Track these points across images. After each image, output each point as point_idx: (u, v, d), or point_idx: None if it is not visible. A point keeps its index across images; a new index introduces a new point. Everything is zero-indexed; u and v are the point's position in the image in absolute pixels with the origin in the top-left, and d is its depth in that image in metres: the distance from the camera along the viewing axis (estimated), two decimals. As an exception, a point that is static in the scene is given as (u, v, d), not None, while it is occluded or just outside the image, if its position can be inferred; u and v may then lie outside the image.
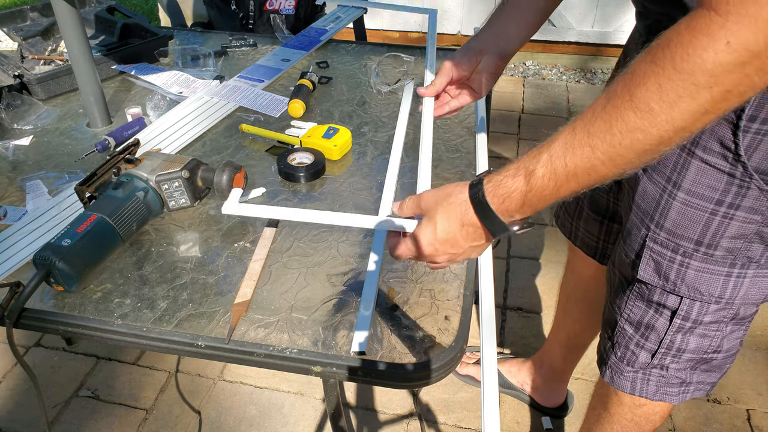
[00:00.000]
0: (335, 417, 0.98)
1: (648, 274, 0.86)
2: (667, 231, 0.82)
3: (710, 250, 0.80)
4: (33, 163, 1.05)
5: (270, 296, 0.77)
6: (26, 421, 1.58)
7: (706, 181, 0.76)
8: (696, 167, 0.76)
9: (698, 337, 0.88)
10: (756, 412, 1.59)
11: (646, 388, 0.96)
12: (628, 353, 0.95)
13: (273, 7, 2.19)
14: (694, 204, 0.78)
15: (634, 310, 0.91)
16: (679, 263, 0.82)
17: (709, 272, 0.81)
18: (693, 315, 0.85)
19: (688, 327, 0.87)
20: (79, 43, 1.08)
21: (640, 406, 1.02)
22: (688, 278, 0.82)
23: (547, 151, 0.57)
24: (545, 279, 2.02)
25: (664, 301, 0.86)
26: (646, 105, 0.51)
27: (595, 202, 1.10)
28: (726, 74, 0.48)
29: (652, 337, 0.91)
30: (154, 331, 0.72)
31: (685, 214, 0.79)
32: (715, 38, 0.47)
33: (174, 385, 1.67)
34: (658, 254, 0.84)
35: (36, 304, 0.76)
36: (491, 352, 0.65)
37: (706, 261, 0.80)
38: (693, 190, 0.78)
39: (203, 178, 0.90)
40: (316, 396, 1.64)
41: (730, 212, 0.76)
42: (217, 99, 1.23)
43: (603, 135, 0.54)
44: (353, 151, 1.07)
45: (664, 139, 0.52)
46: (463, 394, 1.64)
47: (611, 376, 0.99)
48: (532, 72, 3.44)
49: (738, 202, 0.75)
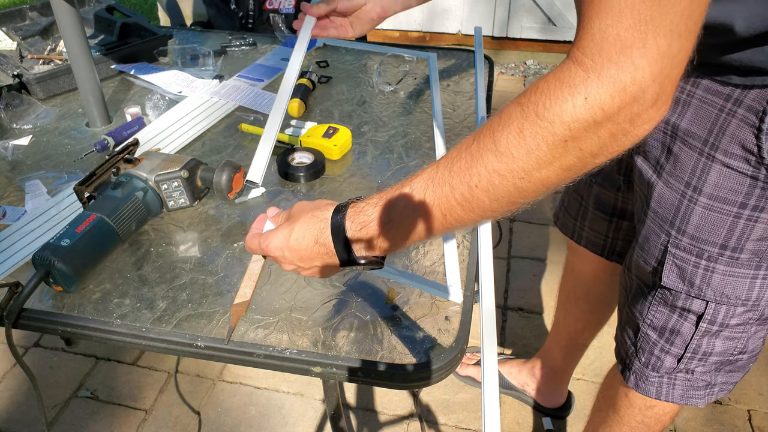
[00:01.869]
0: (335, 418, 0.98)
1: (672, 280, 0.85)
2: (690, 236, 0.82)
3: (735, 253, 0.79)
4: (32, 163, 1.05)
5: (270, 297, 0.77)
6: (26, 422, 1.58)
7: (729, 184, 0.76)
8: (718, 171, 0.76)
9: (724, 339, 0.88)
10: (757, 413, 1.59)
11: (672, 392, 0.96)
12: (653, 359, 0.94)
13: (273, 6, 2.18)
14: (717, 208, 0.78)
15: (657, 315, 0.91)
16: (705, 268, 0.82)
17: (735, 276, 0.81)
18: (720, 318, 0.85)
19: (714, 330, 0.87)
20: (79, 42, 1.07)
21: (650, 408, 1.02)
22: (714, 282, 0.82)
23: (409, 185, 0.56)
24: (546, 279, 2.02)
25: (689, 306, 0.86)
26: (507, 149, 0.49)
27: (601, 201, 1.09)
28: (582, 130, 0.47)
29: (678, 342, 0.90)
30: (153, 332, 0.72)
31: (708, 219, 0.79)
32: (576, 91, 0.46)
33: (173, 386, 1.67)
34: (682, 260, 0.83)
35: (35, 305, 0.76)
36: (492, 353, 0.65)
37: (731, 265, 0.80)
38: (715, 194, 0.77)
39: (202, 178, 0.90)
40: (316, 396, 1.64)
41: (754, 215, 0.76)
42: (216, 98, 1.23)
43: (462, 175, 0.52)
44: (353, 151, 1.07)
45: (521, 189, 0.50)
46: (464, 395, 1.64)
47: (636, 381, 0.98)
48: (533, 71, 3.44)
49: (762, 204, 0.75)
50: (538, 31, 3.37)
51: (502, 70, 3.46)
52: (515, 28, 3.39)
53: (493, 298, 0.73)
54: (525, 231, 2.24)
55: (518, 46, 3.49)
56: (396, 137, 1.10)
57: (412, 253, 0.83)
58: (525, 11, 3.32)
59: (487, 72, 1.34)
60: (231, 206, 0.93)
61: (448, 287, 0.77)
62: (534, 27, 3.36)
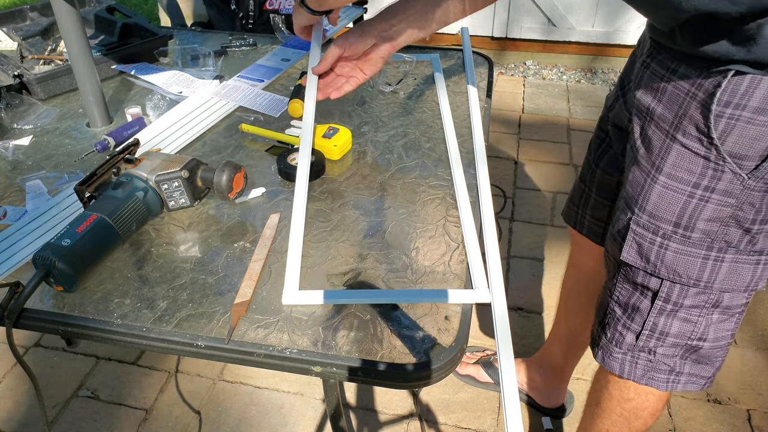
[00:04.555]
0: (335, 417, 0.98)
1: (631, 256, 0.89)
2: (649, 213, 0.85)
3: (687, 232, 0.82)
4: (33, 163, 1.05)
5: (270, 296, 0.77)
6: (26, 422, 1.58)
7: (685, 164, 0.79)
8: (677, 151, 0.79)
9: (681, 321, 0.90)
10: (756, 412, 1.59)
11: (634, 371, 0.99)
12: (617, 334, 0.98)
13: (273, 6, 2.18)
14: (673, 187, 0.81)
15: (622, 292, 0.94)
16: (659, 245, 0.85)
17: (686, 254, 0.84)
18: (673, 297, 0.88)
19: (669, 309, 0.89)
20: (79, 42, 1.08)
21: (628, 401, 1.04)
22: (667, 260, 0.85)
23: None
24: (546, 279, 2.02)
25: (647, 283, 0.90)
26: None
27: (604, 186, 1.12)
28: None
29: (637, 319, 0.94)
30: (153, 331, 0.72)
31: (665, 197, 0.83)
32: None
33: (174, 386, 1.67)
34: (641, 236, 0.87)
35: (36, 304, 0.76)
36: (509, 356, 0.65)
37: (684, 243, 0.83)
38: (673, 173, 0.81)
39: (203, 178, 0.90)
40: (316, 396, 1.64)
41: (705, 195, 0.79)
42: (216, 99, 1.23)
43: None
44: (353, 151, 1.07)
45: None
46: (463, 395, 1.64)
47: (602, 357, 1.02)
48: (533, 72, 3.44)
49: (713, 185, 0.78)
50: (538, 32, 3.37)
51: (502, 71, 3.47)
52: (515, 29, 3.39)
53: (505, 300, 0.73)
54: (525, 231, 2.24)
55: (518, 47, 3.50)
56: (396, 137, 1.11)
57: (412, 253, 0.83)
58: (525, 12, 3.32)
59: (487, 72, 1.34)
60: (231, 206, 0.93)
61: (474, 289, 0.77)
62: (534, 27, 3.36)
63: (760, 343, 1.79)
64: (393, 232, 0.88)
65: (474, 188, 0.95)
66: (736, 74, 0.70)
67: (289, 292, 0.76)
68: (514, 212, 2.33)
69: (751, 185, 0.75)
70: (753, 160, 0.73)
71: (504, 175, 2.54)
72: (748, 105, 0.70)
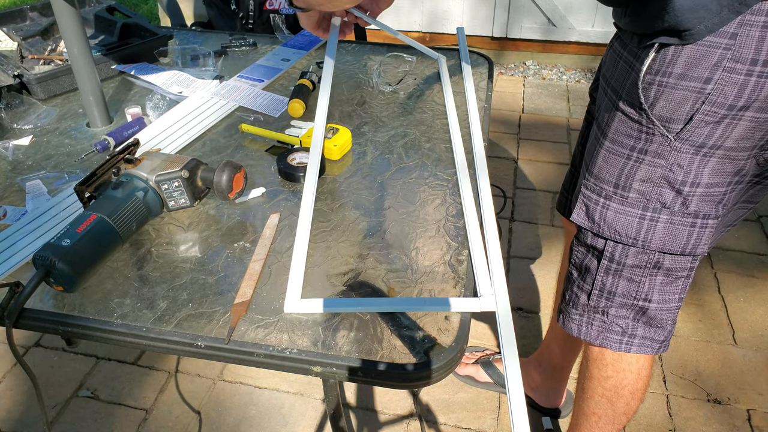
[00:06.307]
0: (335, 417, 0.98)
1: (580, 217, 0.95)
2: (594, 176, 0.92)
3: (625, 192, 0.89)
4: (32, 163, 1.05)
5: (270, 296, 0.77)
6: (26, 421, 1.58)
7: (624, 129, 0.87)
8: (618, 118, 0.87)
9: (626, 281, 0.95)
10: (756, 412, 1.59)
11: (590, 332, 1.04)
12: (573, 296, 1.03)
13: (273, 6, 2.18)
14: (614, 150, 0.89)
15: (578, 255, 1.01)
16: (602, 206, 0.92)
17: (624, 213, 0.90)
18: (616, 257, 0.93)
19: (614, 269, 0.95)
20: (79, 42, 1.08)
21: (606, 378, 1.08)
22: (609, 219, 0.91)
23: None
24: (545, 279, 2.02)
25: (594, 244, 0.95)
26: None
27: None
28: None
29: (588, 279, 0.99)
30: (153, 331, 0.72)
31: (607, 160, 0.90)
32: None
33: (174, 385, 1.67)
34: (587, 198, 0.94)
35: (36, 304, 0.76)
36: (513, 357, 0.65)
37: (622, 203, 0.90)
38: (614, 137, 0.88)
39: (203, 178, 0.90)
40: (316, 396, 1.64)
41: (640, 156, 0.86)
42: (216, 99, 1.23)
43: None
44: (353, 151, 1.07)
45: None
46: (463, 395, 1.64)
47: (563, 320, 1.07)
48: (532, 72, 3.44)
49: (646, 147, 0.85)
50: (538, 32, 3.37)
51: (502, 71, 3.47)
52: (515, 29, 3.40)
53: (509, 309, 0.73)
54: (524, 231, 2.24)
55: (518, 47, 3.50)
56: (396, 137, 1.11)
57: (412, 253, 0.83)
58: (525, 12, 3.32)
59: (487, 72, 1.34)
60: (231, 206, 0.93)
61: (479, 297, 0.76)
62: (534, 27, 3.36)
63: (760, 343, 1.79)
64: (393, 232, 0.88)
65: (474, 188, 0.95)
66: (662, 46, 0.78)
67: (291, 301, 0.76)
68: (514, 212, 2.33)
69: (678, 147, 0.82)
70: (678, 123, 0.80)
71: (504, 175, 2.54)
72: (673, 72, 0.77)
